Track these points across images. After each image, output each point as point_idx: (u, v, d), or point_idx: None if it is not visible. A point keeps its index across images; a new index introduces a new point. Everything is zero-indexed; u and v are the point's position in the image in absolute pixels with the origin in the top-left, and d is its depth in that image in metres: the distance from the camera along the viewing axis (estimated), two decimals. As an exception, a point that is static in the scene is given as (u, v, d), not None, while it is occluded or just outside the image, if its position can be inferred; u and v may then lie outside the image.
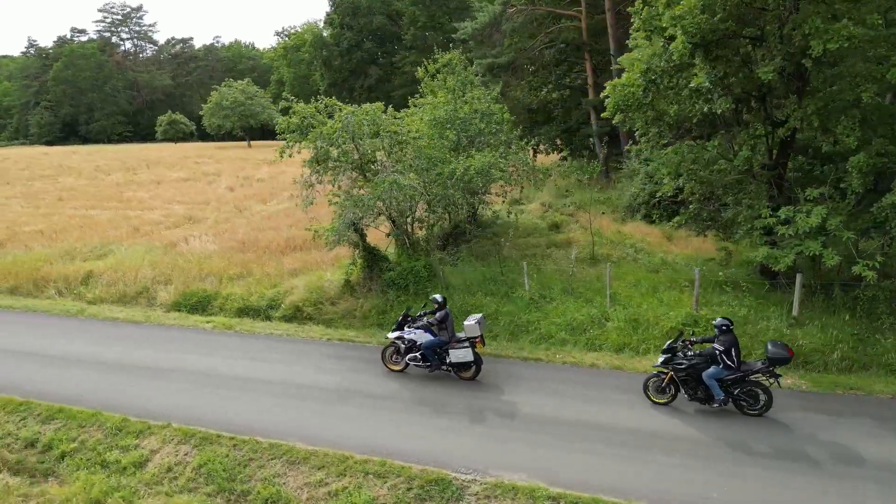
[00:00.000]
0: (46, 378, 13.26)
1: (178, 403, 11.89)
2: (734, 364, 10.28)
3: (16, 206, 33.61)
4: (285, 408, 11.57)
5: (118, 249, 22.67)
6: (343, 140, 15.60)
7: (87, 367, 13.83)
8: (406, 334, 12.62)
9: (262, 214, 28.26)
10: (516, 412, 11.02)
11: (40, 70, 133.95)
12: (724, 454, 9.45)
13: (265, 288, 18.00)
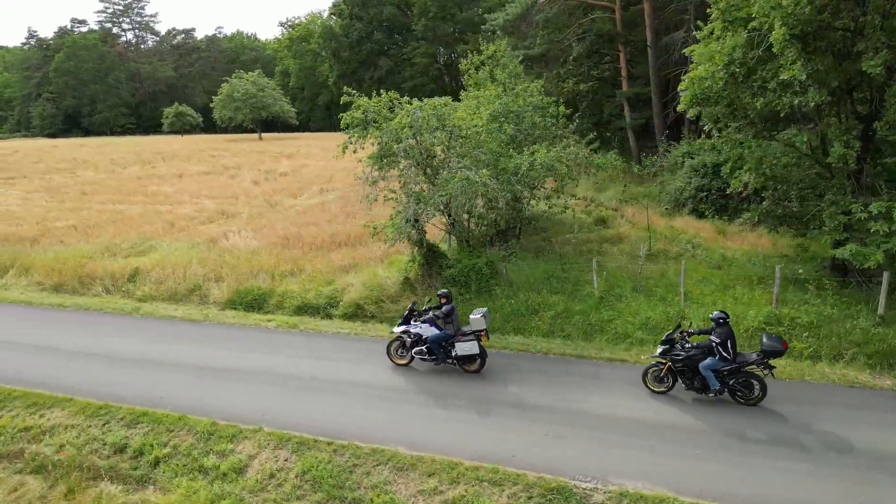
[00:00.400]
0: (117, 380, 12.99)
1: (262, 406, 11.63)
2: (730, 356, 10.63)
3: (40, 201, 33.20)
4: (374, 410, 11.32)
5: (159, 245, 22.34)
6: (408, 135, 15.24)
7: (156, 367, 13.56)
8: (412, 328, 12.83)
9: (296, 209, 27.91)
10: (618, 416, 10.77)
11: (41, 61, 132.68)
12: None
13: (320, 285, 17.72)
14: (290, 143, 61.67)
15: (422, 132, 15.27)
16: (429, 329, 12.67)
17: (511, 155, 16.86)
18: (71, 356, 14.38)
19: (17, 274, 21.06)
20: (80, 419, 11.54)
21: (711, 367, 10.74)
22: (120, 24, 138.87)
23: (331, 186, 32.95)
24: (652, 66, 28.62)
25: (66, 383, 12.91)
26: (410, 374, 12.73)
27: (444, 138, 16.58)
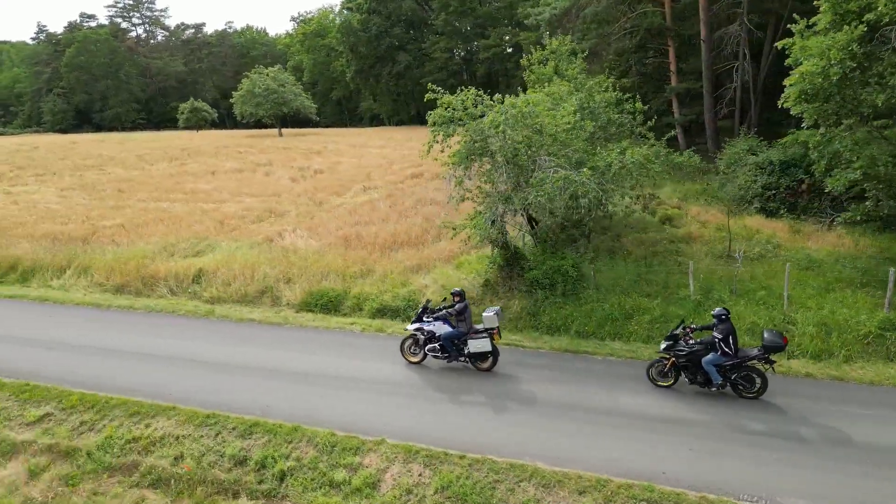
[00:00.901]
0: (215, 386, 12.62)
1: (378, 415, 11.24)
2: (731, 351, 10.98)
3: (78, 199, 32.82)
4: (498, 421, 10.92)
5: (217, 245, 21.97)
6: (499, 133, 14.75)
7: (252, 373, 13.18)
8: (425, 326, 12.98)
9: (344, 208, 27.47)
10: (773, 430, 10.34)
11: (52, 56, 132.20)
12: None
13: (395, 287, 17.32)
14: (314, 140, 61.15)
15: (515, 128, 14.75)
16: (442, 327, 12.79)
17: (596, 153, 16.40)
18: (158, 361, 14.01)
19: (76, 274, 20.70)
20: (188, 429, 11.17)
21: (714, 363, 11.10)
22: (130, 19, 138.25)
23: (372, 185, 32.51)
24: (705, 61, 28.09)
25: (163, 390, 12.55)
26: (531, 386, 12.21)
27: (530, 136, 16.09)
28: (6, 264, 21.80)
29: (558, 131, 15.59)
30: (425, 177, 34.07)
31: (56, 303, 18.69)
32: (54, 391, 12.71)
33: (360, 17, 78.00)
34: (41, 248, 22.61)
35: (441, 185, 30.90)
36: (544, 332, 14.69)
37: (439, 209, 25.99)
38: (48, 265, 21.35)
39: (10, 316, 17.61)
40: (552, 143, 15.33)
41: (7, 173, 43.97)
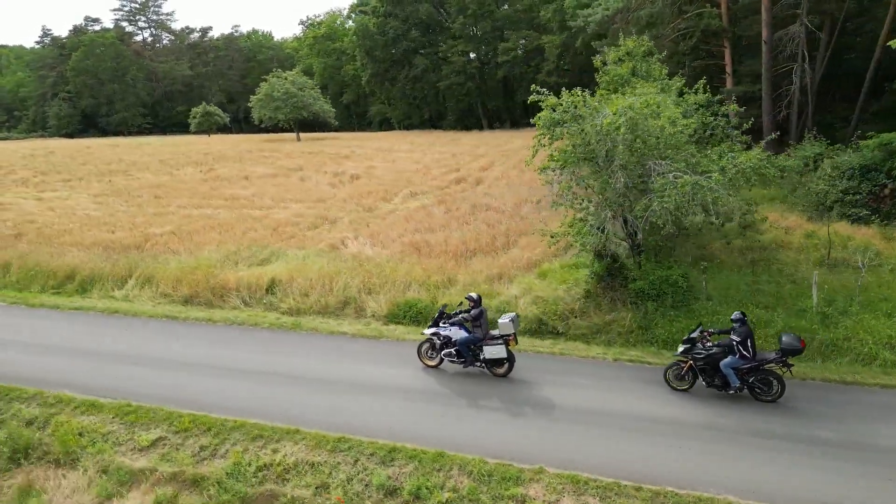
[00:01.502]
0: (333, 405, 11.88)
1: (524, 439, 10.50)
2: (749, 354, 11.06)
3: (116, 205, 32.01)
4: (663, 446, 10.18)
5: (282, 254, 21.23)
6: (618, 136, 14.01)
7: (364, 391, 12.43)
8: (442, 330, 13.07)
9: (398, 214, 26.73)
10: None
11: (57, 60, 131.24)
12: None
13: (484, 298, 16.56)
14: (335, 144, 60.41)
15: (635, 131, 14.02)
16: (458, 332, 12.89)
17: (708, 156, 15.71)
18: (259, 378, 13.26)
19: (139, 284, 19.91)
20: (321, 454, 10.42)
21: (732, 366, 11.16)
22: (136, 23, 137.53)
23: (418, 190, 31.77)
24: (765, 63, 27.50)
25: (277, 410, 11.80)
26: (697, 410, 11.45)
27: (643, 139, 15.33)
28: (62, 274, 21.01)
29: (667, 134, 14.87)
30: (469, 182, 33.40)
31: (126, 315, 17.91)
32: (161, 412, 11.95)
33: (376, 20, 77.34)
34: (97, 257, 21.80)
35: (490, 191, 30.31)
36: (660, 346, 13.99)
37: (498, 215, 25.33)
38: (107, 275, 20.57)
39: (84, 330, 16.83)
40: (663, 146, 14.62)
41: (31, 178, 43.15)
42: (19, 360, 14.78)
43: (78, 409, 12.32)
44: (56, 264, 21.42)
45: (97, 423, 11.80)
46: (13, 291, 20.66)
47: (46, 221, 28.05)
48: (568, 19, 60.29)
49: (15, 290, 20.78)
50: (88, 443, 11.31)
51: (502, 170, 36.53)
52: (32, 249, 23.18)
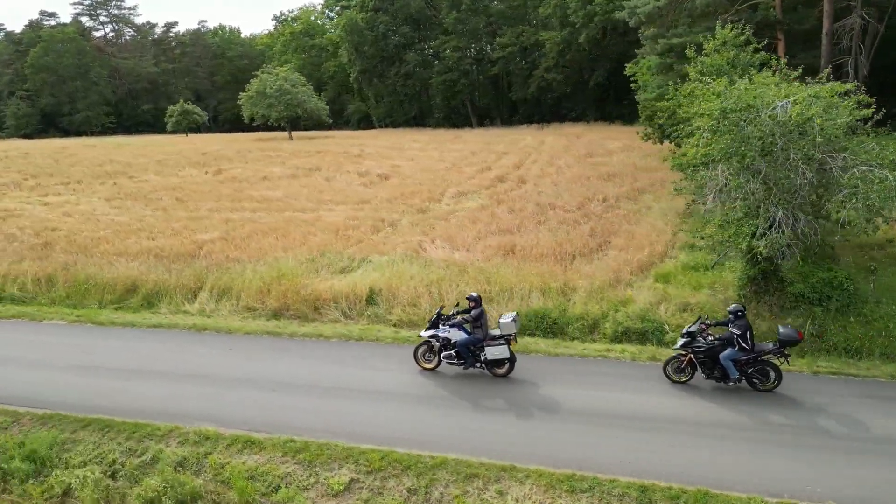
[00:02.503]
0: (528, 435, 10.60)
1: (797, 474, 9.45)
2: (748, 346, 11.32)
3: (138, 210, 29.70)
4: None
5: (365, 260, 19.70)
6: (808, 126, 12.96)
7: (550, 417, 11.17)
8: (441, 332, 12.87)
9: (460, 216, 25.32)
10: None
11: (13, 57, 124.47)
12: None
13: (613, 305, 15.46)
14: (335, 143, 58.28)
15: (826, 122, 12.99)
16: (457, 333, 12.77)
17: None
18: (435, 405, 11.89)
19: (215, 297, 18.13)
20: (560, 497, 9.12)
21: (731, 358, 11.42)
22: (97, 17, 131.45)
23: (463, 190, 30.35)
24: (825, 55, 27.13)
25: (484, 444, 10.41)
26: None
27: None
28: (121, 287, 19.02)
29: (835, 125, 13.94)
30: (511, 180, 32.26)
31: (217, 331, 16.17)
32: (336, 448, 10.46)
33: (364, 15, 75.33)
34: (156, 268, 19.82)
35: (543, 189, 29.22)
36: (842, 355, 13.12)
37: (570, 215, 24.28)
38: (173, 287, 18.69)
39: (177, 349, 15.05)
40: (839, 137, 13.69)
41: (23, 182, 40.04)
42: (118, 389, 13.03)
43: (232, 448, 10.72)
44: (110, 277, 19.39)
45: (266, 465, 10.24)
46: (66, 308, 18.59)
47: (72, 228, 25.68)
48: (570, 14, 59.86)
49: (67, 307, 18.71)
50: (268, 489, 9.76)
51: (539, 167, 35.51)
52: (75, 260, 20.99)
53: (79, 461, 10.81)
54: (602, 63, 62.48)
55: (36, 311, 18.37)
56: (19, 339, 16.16)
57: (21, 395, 12.91)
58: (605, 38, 57.88)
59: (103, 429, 11.55)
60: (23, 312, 18.21)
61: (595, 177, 31.21)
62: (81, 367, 14.25)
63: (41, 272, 20.14)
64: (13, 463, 10.79)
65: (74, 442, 11.30)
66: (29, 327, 17.27)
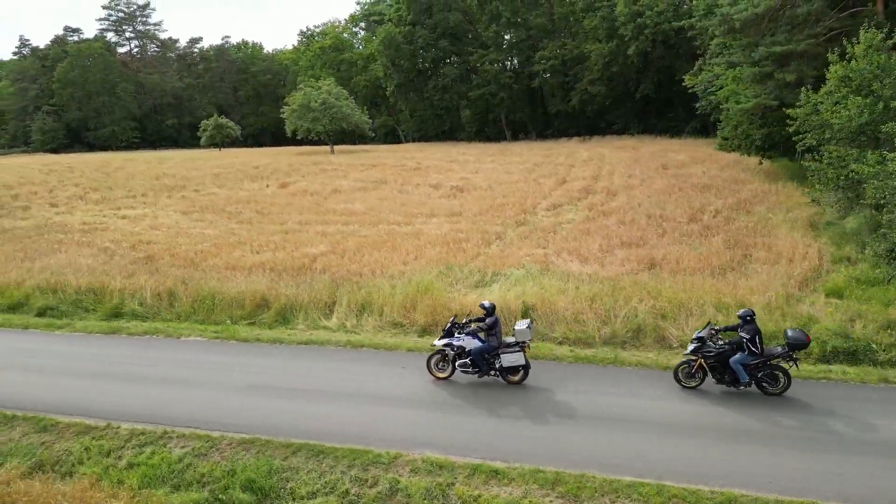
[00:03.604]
0: (791, 470, 9.70)
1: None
2: (758, 350, 11.46)
3: (223, 224, 29.08)
4: None
5: (498, 274, 18.93)
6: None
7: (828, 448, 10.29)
8: (455, 341, 12.99)
9: (571, 228, 24.58)
10: None
11: (39, 71, 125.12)
12: None
13: (801, 322, 14.57)
14: (382, 156, 57.67)
15: None
16: (472, 341, 12.89)
17: None
18: (689, 434, 10.96)
19: (354, 312, 17.32)
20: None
21: (741, 362, 11.55)
22: (123, 33, 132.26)
23: (555, 202, 29.58)
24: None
25: (765, 478, 9.54)
26: None
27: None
28: (250, 302, 18.24)
29: None
30: (599, 192, 31.46)
31: (374, 348, 15.33)
32: (595, 480, 9.58)
33: (402, 29, 75.16)
34: (278, 283, 19.07)
35: (642, 202, 28.39)
36: None
37: (687, 226, 23.44)
38: (307, 302, 17.91)
39: (345, 368, 14.19)
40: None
41: (86, 195, 39.59)
42: (312, 411, 12.19)
43: (475, 478, 9.87)
44: (237, 291, 18.62)
45: (524, 499, 9.36)
46: (195, 323, 17.84)
47: (167, 242, 25.05)
48: (619, 27, 59.47)
49: (194, 322, 17.96)
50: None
51: (618, 179, 34.73)
52: (190, 275, 20.28)
53: (306, 491, 9.96)
54: (649, 75, 61.93)
55: (165, 326, 17.64)
56: (167, 358, 15.37)
57: (208, 419, 12.12)
58: (655, 49, 57.26)
59: (317, 455, 10.72)
60: (154, 329, 17.48)
61: (686, 188, 30.42)
62: (254, 386, 13.45)
63: (160, 287, 19.41)
64: (232, 493, 9.95)
65: (291, 470, 10.46)
66: (166, 344, 16.50)
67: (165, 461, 10.93)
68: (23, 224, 30.40)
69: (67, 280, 20.23)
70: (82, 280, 20.21)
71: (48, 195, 40.08)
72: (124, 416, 12.44)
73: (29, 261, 23.36)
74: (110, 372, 14.65)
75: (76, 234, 27.52)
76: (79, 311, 19.24)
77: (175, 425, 12.02)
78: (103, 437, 11.80)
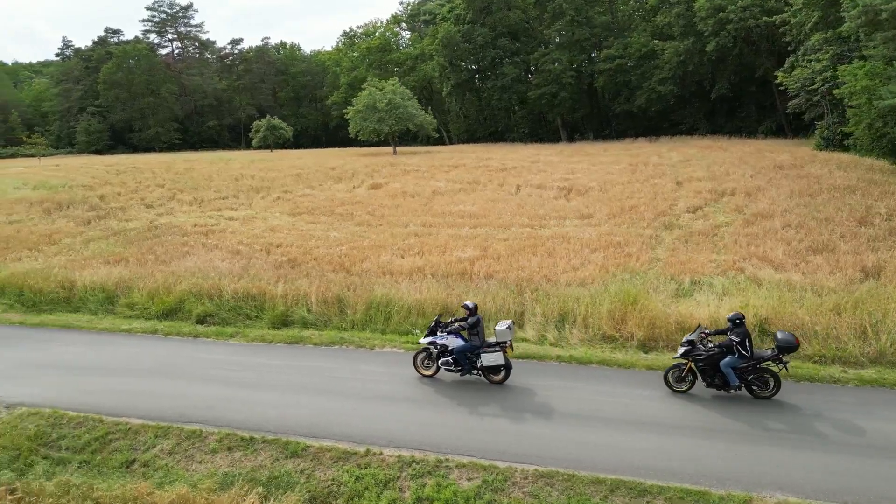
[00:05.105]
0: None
1: None
2: (748, 353, 11.46)
3: (340, 226, 27.94)
4: None
5: (701, 283, 17.46)
6: None
7: None
8: (438, 339, 13.11)
9: (729, 231, 23.05)
10: None
11: (82, 73, 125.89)
12: None
13: None
14: (444, 157, 56.26)
15: None
16: (454, 340, 12.98)
17: None
18: None
19: (553, 324, 15.93)
20: None
21: (731, 365, 11.55)
22: (165, 34, 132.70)
23: (690, 205, 27.87)
24: None
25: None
26: None
27: None
28: (432, 311, 16.89)
29: None
30: (729, 194, 29.76)
31: (605, 365, 13.90)
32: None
33: (461, 28, 73.87)
34: (452, 290, 17.76)
35: (782, 203, 26.69)
36: None
37: (858, 229, 21.76)
38: (492, 312, 16.54)
39: (607, 391, 12.77)
40: None
41: (176, 196, 38.73)
42: (599, 440, 10.79)
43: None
44: (415, 299, 17.33)
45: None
46: (376, 332, 16.58)
47: (301, 245, 23.93)
48: (697, 23, 57.60)
49: (371, 332, 16.70)
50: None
51: (741, 180, 32.87)
52: (356, 281, 19.05)
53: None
54: (725, 73, 59.92)
55: (349, 336, 16.39)
56: (381, 373, 14.04)
57: (483, 448, 10.76)
58: (736, 46, 55.29)
59: (640, 495, 9.33)
60: (339, 338, 16.22)
61: (824, 190, 28.61)
62: (509, 408, 12.10)
63: (327, 293, 18.20)
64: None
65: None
66: (365, 356, 15.22)
67: (460, 496, 9.64)
68: (131, 226, 29.52)
69: (222, 285, 19.10)
70: (238, 285, 19.08)
71: (135, 196, 39.33)
72: (378, 440, 11.15)
73: (161, 264, 22.39)
74: (331, 388, 13.39)
75: (193, 236, 26.54)
76: (240, 318, 18.14)
77: (441, 451, 10.71)
78: (369, 466, 10.53)
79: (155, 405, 12.86)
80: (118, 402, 13.09)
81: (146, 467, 11.05)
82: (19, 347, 16.41)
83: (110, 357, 15.78)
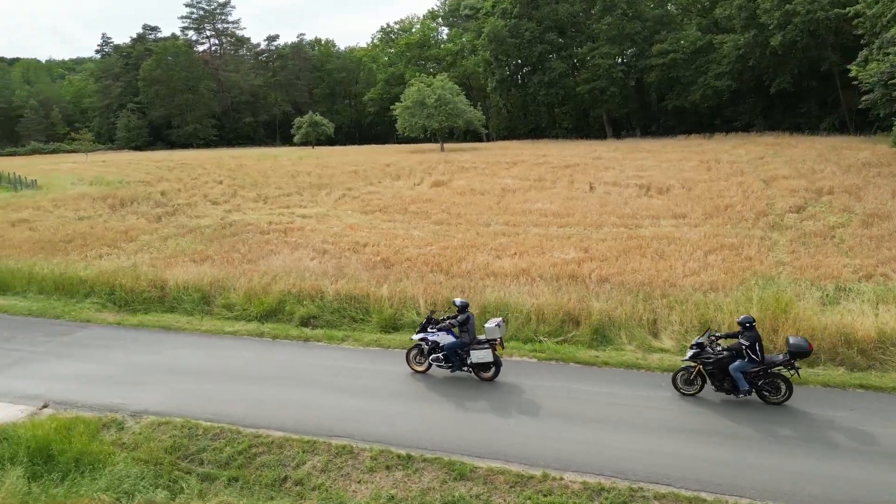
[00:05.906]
0: None
1: None
2: (758, 357, 11.20)
3: (421, 226, 27.07)
4: None
5: (847, 289, 16.19)
6: None
7: None
8: (429, 336, 13.21)
9: (845, 233, 21.69)
10: None
11: (122, 70, 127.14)
12: None
13: None
14: (499, 154, 55.10)
15: None
16: (445, 337, 13.05)
17: None
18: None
19: (694, 333, 14.78)
20: None
21: (741, 369, 11.25)
22: (203, 31, 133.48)
23: (795, 203, 26.35)
24: None
25: None
26: None
27: None
28: (554, 317, 15.88)
29: None
30: (828, 193, 28.21)
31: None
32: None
33: (507, 22, 72.62)
34: (567, 294, 16.70)
35: (888, 202, 25.15)
36: None
37: None
38: (623, 318, 15.47)
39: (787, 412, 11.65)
40: None
41: (237, 193, 38.25)
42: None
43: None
44: (536, 304, 16.26)
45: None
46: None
47: (388, 245, 23.10)
48: (761, 15, 55.60)
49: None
50: None
51: (832, 179, 31.26)
52: (460, 284, 18.12)
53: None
54: (788, 68, 57.76)
55: (467, 343, 15.39)
56: (522, 385, 13.09)
57: (680, 475, 9.71)
58: (802, 39, 53.19)
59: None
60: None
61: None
62: (680, 429, 11.02)
63: (435, 295, 17.27)
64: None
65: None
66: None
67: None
68: (204, 223, 28.98)
69: (323, 286, 18.29)
70: (338, 286, 18.25)
71: (195, 192, 38.93)
72: (549, 462, 10.15)
73: (248, 263, 21.73)
74: (493, 402, 12.42)
75: (273, 234, 25.89)
76: (345, 321, 17.28)
77: (624, 478, 9.68)
78: (550, 493, 9.54)
79: (290, 416, 12.03)
80: (249, 411, 12.30)
81: (300, 486, 10.20)
82: (128, 350, 15.75)
83: (222, 361, 15.04)
